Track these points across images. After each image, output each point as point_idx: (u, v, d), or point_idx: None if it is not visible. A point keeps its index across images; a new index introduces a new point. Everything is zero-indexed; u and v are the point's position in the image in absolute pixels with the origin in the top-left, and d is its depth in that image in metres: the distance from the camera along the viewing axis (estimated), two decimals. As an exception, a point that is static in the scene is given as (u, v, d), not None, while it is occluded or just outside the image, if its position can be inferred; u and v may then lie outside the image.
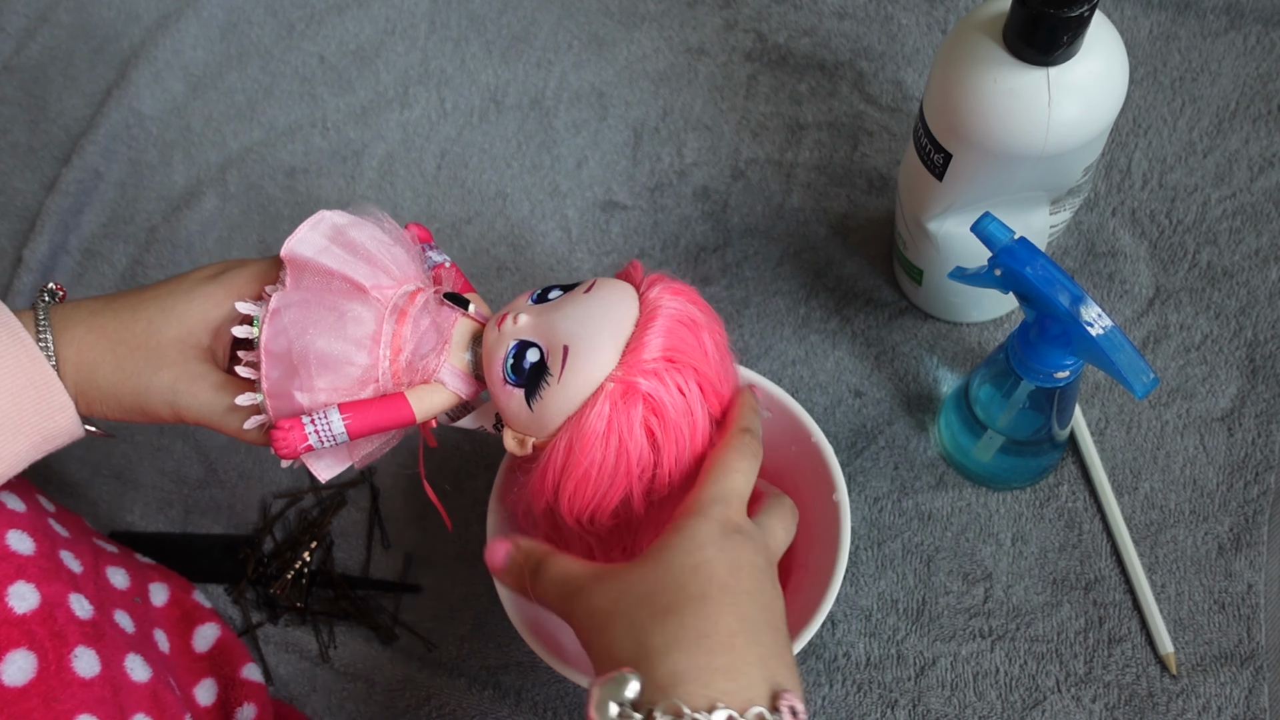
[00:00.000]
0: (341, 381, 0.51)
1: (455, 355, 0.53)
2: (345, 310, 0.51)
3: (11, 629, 0.52)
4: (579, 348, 0.50)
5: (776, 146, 0.83)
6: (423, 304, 0.53)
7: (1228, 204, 0.77)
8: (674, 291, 0.52)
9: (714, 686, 0.43)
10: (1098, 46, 0.55)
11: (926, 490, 0.72)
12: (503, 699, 0.70)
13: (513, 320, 0.52)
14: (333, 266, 0.52)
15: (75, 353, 0.52)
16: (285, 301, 0.51)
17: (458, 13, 0.90)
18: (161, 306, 0.53)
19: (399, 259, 0.53)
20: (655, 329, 0.50)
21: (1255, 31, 0.82)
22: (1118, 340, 0.52)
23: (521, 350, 0.51)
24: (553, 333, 0.51)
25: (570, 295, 0.53)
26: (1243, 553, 0.69)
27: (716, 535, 0.48)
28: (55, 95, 0.91)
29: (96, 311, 0.54)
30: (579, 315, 0.51)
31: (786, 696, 0.43)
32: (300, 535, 0.74)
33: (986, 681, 0.68)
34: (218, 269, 0.55)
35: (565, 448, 0.51)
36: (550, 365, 0.51)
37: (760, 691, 0.43)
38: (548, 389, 0.50)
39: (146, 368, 0.52)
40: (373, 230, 0.54)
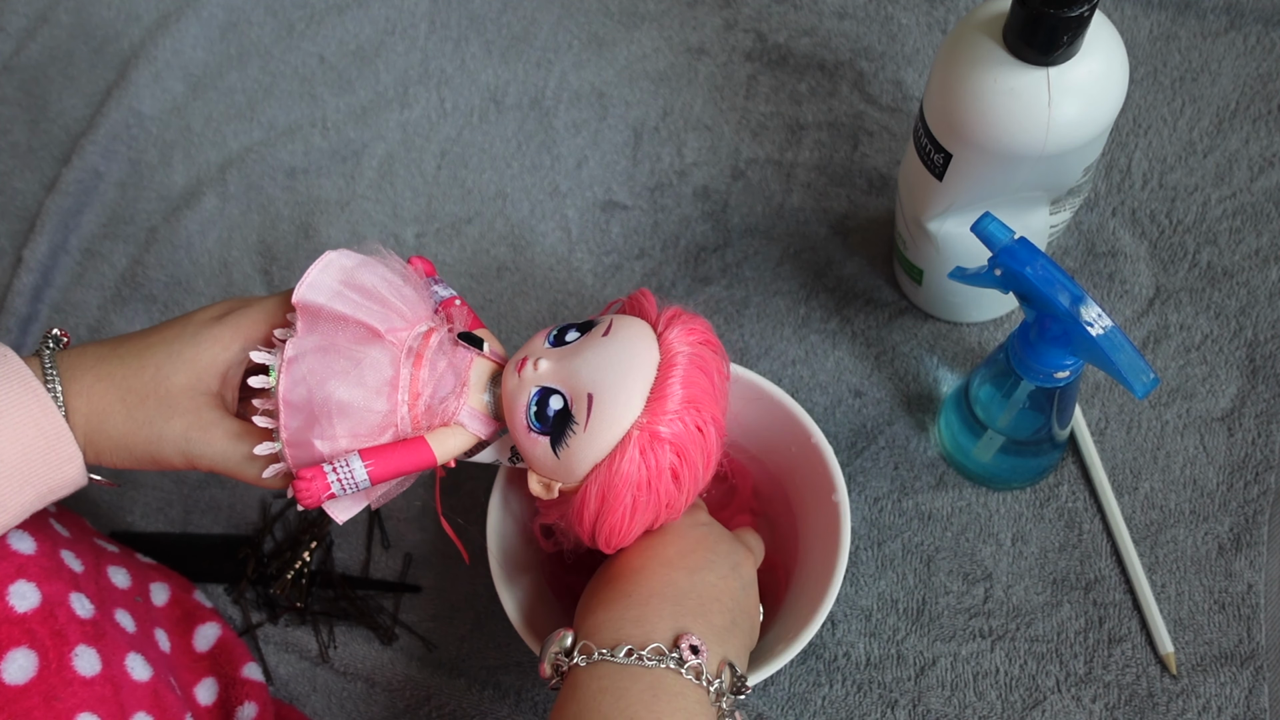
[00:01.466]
0: (361, 429, 0.51)
1: (474, 397, 0.53)
2: (362, 358, 0.51)
3: (12, 628, 0.52)
4: (604, 397, 0.51)
5: (776, 146, 0.83)
6: (437, 345, 0.53)
7: (1228, 204, 0.77)
8: (689, 331, 0.53)
9: (622, 631, 0.50)
10: (1098, 46, 0.55)
11: (926, 490, 0.72)
12: (503, 699, 0.70)
13: (533, 366, 0.52)
14: (346, 312, 0.51)
15: (85, 403, 0.52)
16: (301, 349, 0.51)
17: (458, 13, 0.90)
18: (169, 351, 0.53)
19: (409, 299, 0.53)
20: (676, 377, 0.52)
21: (1255, 31, 0.82)
22: (1118, 340, 0.52)
23: (544, 397, 0.52)
24: (575, 380, 0.51)
25: (589, 339, 0.53)
26: (1243, 553, 0.69)
27: (683, 527, 0.56)
28: (55, 95, 0.91)
29: (103, 358, 0.53)
30: (600, 363, 0.51)
31: (686, 637, 0.49)
32: (300, 535, 0.74)
33: (986, 681, 0.68)
34: (222, 309, 0.55)
35: (599, 494, 0.52)
36: (575, 413, 0.51)
37: (663, 633, 0.50)
38: (574, 437, 0.51)
39: (158, 416, 0.52)
40: (381, 270, 0.53)
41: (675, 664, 0.48)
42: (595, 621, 0.51)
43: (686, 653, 0.49)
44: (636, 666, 0.48)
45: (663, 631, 0.50)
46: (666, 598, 0.52)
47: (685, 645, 0.49)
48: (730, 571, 0.55)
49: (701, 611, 0.52)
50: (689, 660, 0.49)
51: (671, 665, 0.48)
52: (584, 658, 0.50)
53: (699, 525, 0.57)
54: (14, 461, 0.50)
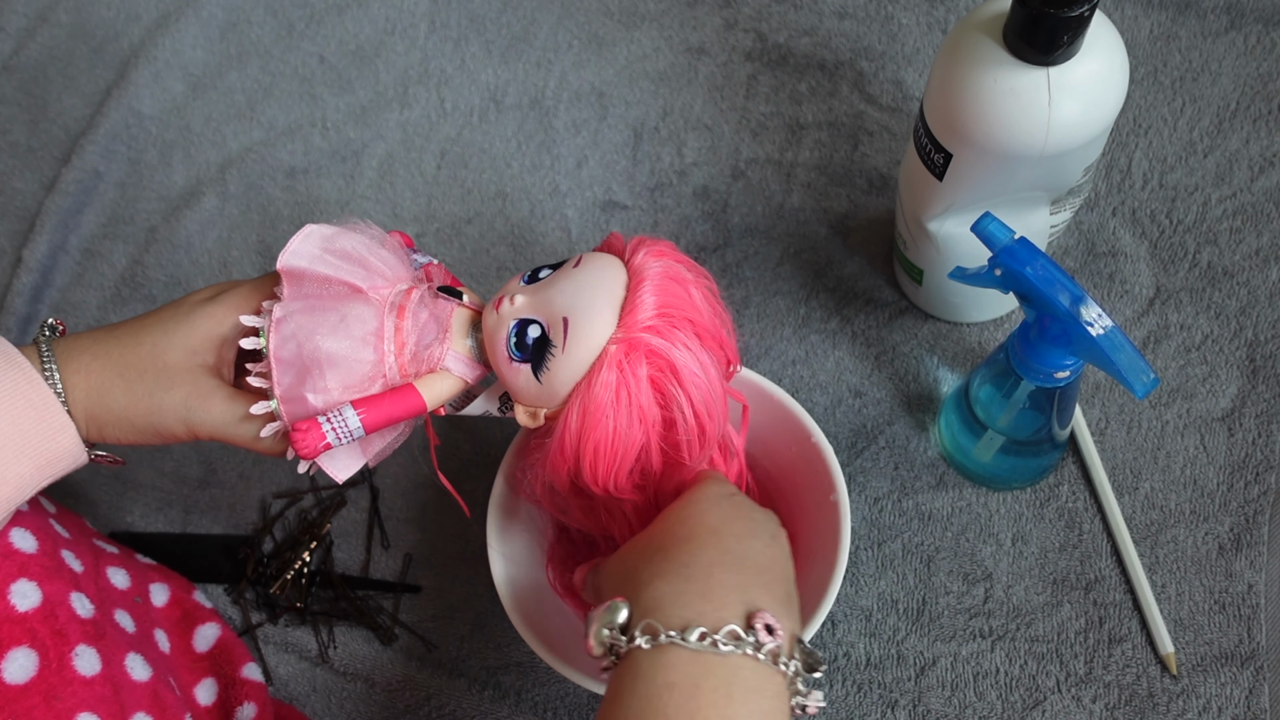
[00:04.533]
0: (351, 379, 0.53)
1: (457, 342, 0.55)
2: (347, 311, 0.53)
3: (13, 627, 0.53)
4: (578, 318, 0.52)
5: (776, 146, 0.83)
6: (418, 299, 0.55)
7: (1228, 204, 0.77)
8: (657, 254, 0.54)
9: (690, 608, 0.45)
10: (1098, 46, 0.55)
11: (926, 490, 0.72)
12: (503, 699, 0.70)
13: (509, 301, 0.54)
14: (328, 273, 0.54)
15: (84, 380, 0.53)
16: (288, 310, 0.53)
17: (458, 13, 0.90)
18: (164, 329, 0.55)
19: (389, 261, 0.56)
20: (646, 289, 0.52)
21: (1255, 31, 0.82)
22: (1118, 340, 0.52)
23: (523, 328, 0.53)
24: (550, 308, 0.53)
25: (560, 272, 0.55)
26: (1243, 553, 0.69)
27: (713, 495, 0.52)
28: (55, 95, 0.91)
29: (99, 339, 0.55)
30: (573, 288, 0.53)
31: (762, 615, 0.45)
32: (300, 535, 0.74)
33: (987, 682, 0.68)
34: (214, 290, 0.57)
35: (580, 414, 0.52)
36: (553, 338, 0.52)
37: (734, 612, 0.45)
38: (553, 359, 0.52)
39: (157, 388, 0.54)
40: (359, 237, 0.56)
41: (752, 648, 0.44)
42: (655, 594, 0.46)
43: (763, 633, 0.44)
44: (709, 654, 0.43)
45: (734, 608, 0.45)
46: (728, 567, 0.47)
47: (760, 625, 0.44)
48: (771, 540, 0.51)
49: (763, 582, 0.47)
50: (766, 643, 0.44)
51: (748, 651, 0.43)
52: (647, 638, 0.44)
53: (727, 495, 0.53)
54: (5, 430, 0.51)
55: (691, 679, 0.43)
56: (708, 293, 0.55)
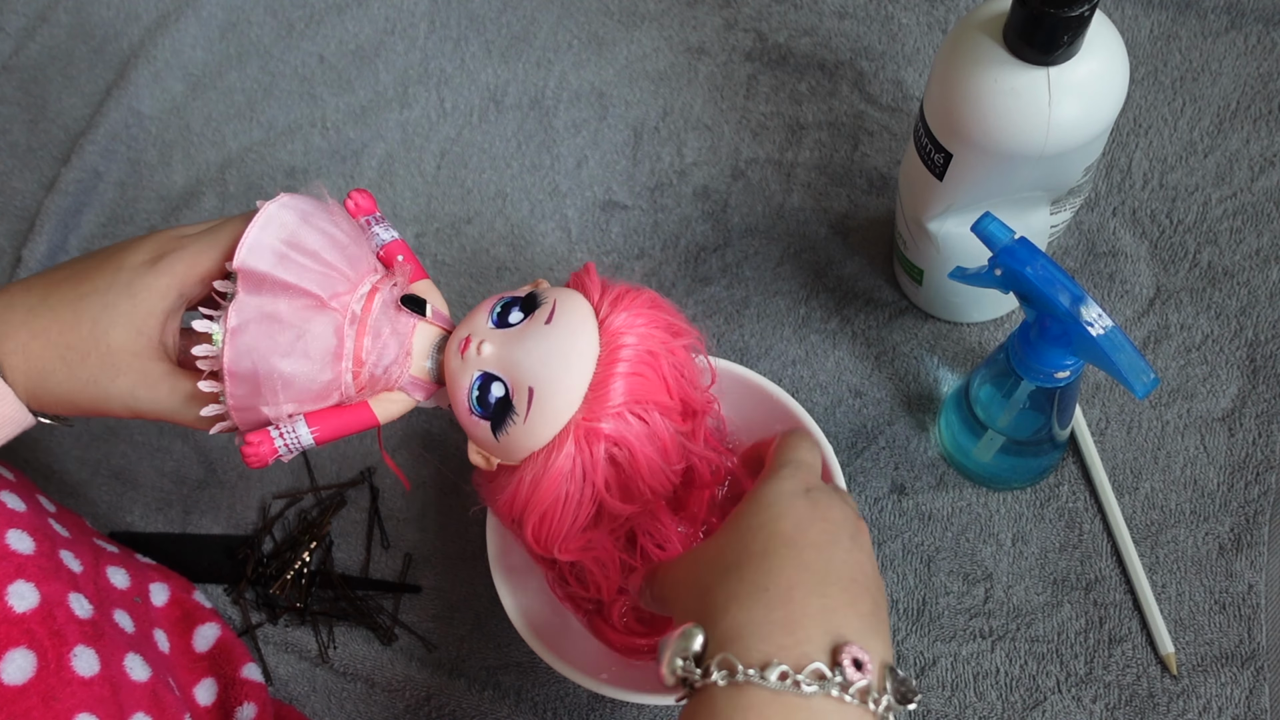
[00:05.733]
0: (306, 396, 0.51)
1: (416, 364, 0.54)
2: (306, 327, 0.51)
3: (11, 628, 0.52)
4: (544, 391, 0.51)
5: (776, 146, 0.83)
6: (380, 309, 0.53)
7: (1228, 204, 0.77)
8: (634, 316, 0.53)
9: (771, 641, 0.41)
10: (1098, 46, 0.55)
11: (926, 490, 0.72)
12: (503, 699, 0.70)
13: (476, 350, 0.52)
14: (289, 280, 0.51)
15: (23, 361, 0.51)
16: (244, 316, 0.50)
17: (457, 13, 0.90)
18: (104, 304, 0.51)
19: (352, 256, 0.53)
20: (617, 377, 0.52)
21: (1256, 31, 0.82)
22: (1118, 340, 0.52)
23: (486, 383, 0.52)
24: (517, 370, 0.52)
25: (532, 324, 0.53)
26: (1243, 553, 0.69)
27: (786, 495, 0.48)
28: (54, 95, 0.91)
29: (34, 310, 0.52)
30: (541, 353, 0.52)
31: (849, 648, 0.41)
32: (300, 535, 0.74)
33: (987, 682, 0.68)
34: (154, 251, 0.53)
35: (531, 484, 0.53)
36: (516, 404, 0.52)
37: (819, 645, 0.41)
38: (514, 425, 0.52)
39: (102, 375, 0.52)
40: (323, 223, 0.53)
41: (839, 689, 0.40)
42: (732, 623, 0.42)
43: (850, 669, 0.40)
44: (791, 695, 0.39)
45: (818, 640, 0.41)
46: (810, 589, 0.43)
47: (848, 660, 0.40)
48: (852, 543, 0.46)
49: (850, 601, 0.43)
50: (854, 681, 0.40)
51: (834, 692, 0.40)
52: (724, 674, 0.40)
53: (801, 493, 0.49)
54: None
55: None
56: (684, 358, 0.54)
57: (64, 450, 0.79)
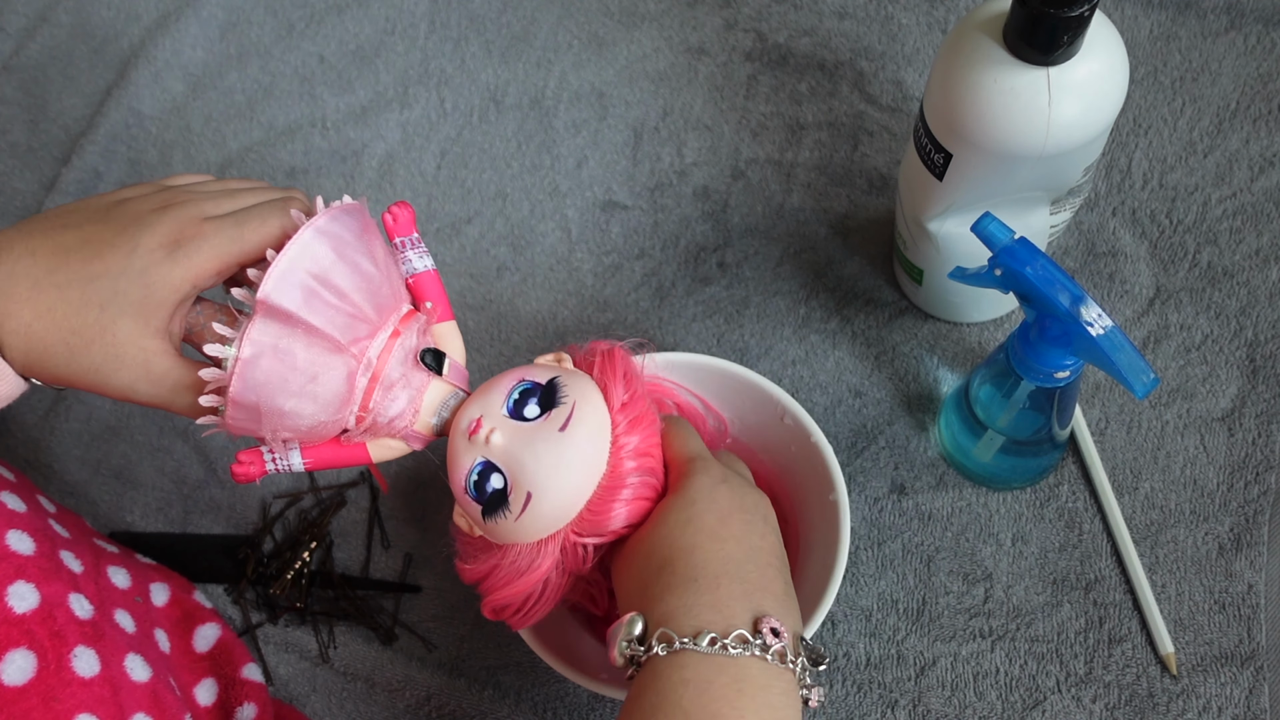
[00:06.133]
0: (306, 433, 0.51)
1: (421, 421, 0.54)
2: (319, 373, 0.49)
3: (11, 629, 0.52)
4: (541, 499, 0.51)
5: (776, 146, 0.83)
6: (397, 360, 0.52)
7: (1228, 204, 0.77)
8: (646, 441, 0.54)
9: (701, 617, 0.48)
10: (1098, 46, 0.55)
11: (926, 490, 0.72)
12: (503, 699, 0.70)
13: (484, 438, 0.52)
14: (313, 322, 0.49)
15: (23, 341, 0.49)
16: (258, 350, 0.48)
17: (458, 13, 0.90)
18: (114, 290, 0.49)
19: (380, 298, 0.51)
20: (618, 504, 0.53)
21: (1256, 31, 0.82)
22: (1118, 340, 0.52)
23: (487, 471, 0.52)
24: (520, 471, 0.51)
25: (545, 426, 0.52)
26: (1243, 553, 0.69)
27: (706, 488, 0.53)
28: (55, 95, 0.91)
29: (39, 284, 0.49)
30: (549, 463, 0.51)
31: (767, 620, 0.48)
32: (300, 535, 0.74)
33: (987, 682, 0.68)
34: (172, 234, 0.50)
35: (510, 576, 0.54)
36: (511, 501, 0.52)
37: (743, 618, 0.48)
38: (503, 520, 0.52)
39: (104, 366, 0.50)
40: (356, 257, 0.50)
41: (760, 650, 0.47)
42: (668, 608, 0.49)
43: (769, 637, 0.47)
44: (720, 656, 0.46)
45: (741, 615, 0.48)
46: (733, 577, 0.49)
47: (766, 629, 0.47)
48: (764, 526, 0.53)
49: (765, 584, 0.50)
50: (772, 644, 0.47)
51: (756, 653, 0.47)
52: (664, 646, 0.47)
53: (720, 483, 0.53)
54: None
55: (705, 676, 0.46)
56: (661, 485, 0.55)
57: (64, 450, 0.79)
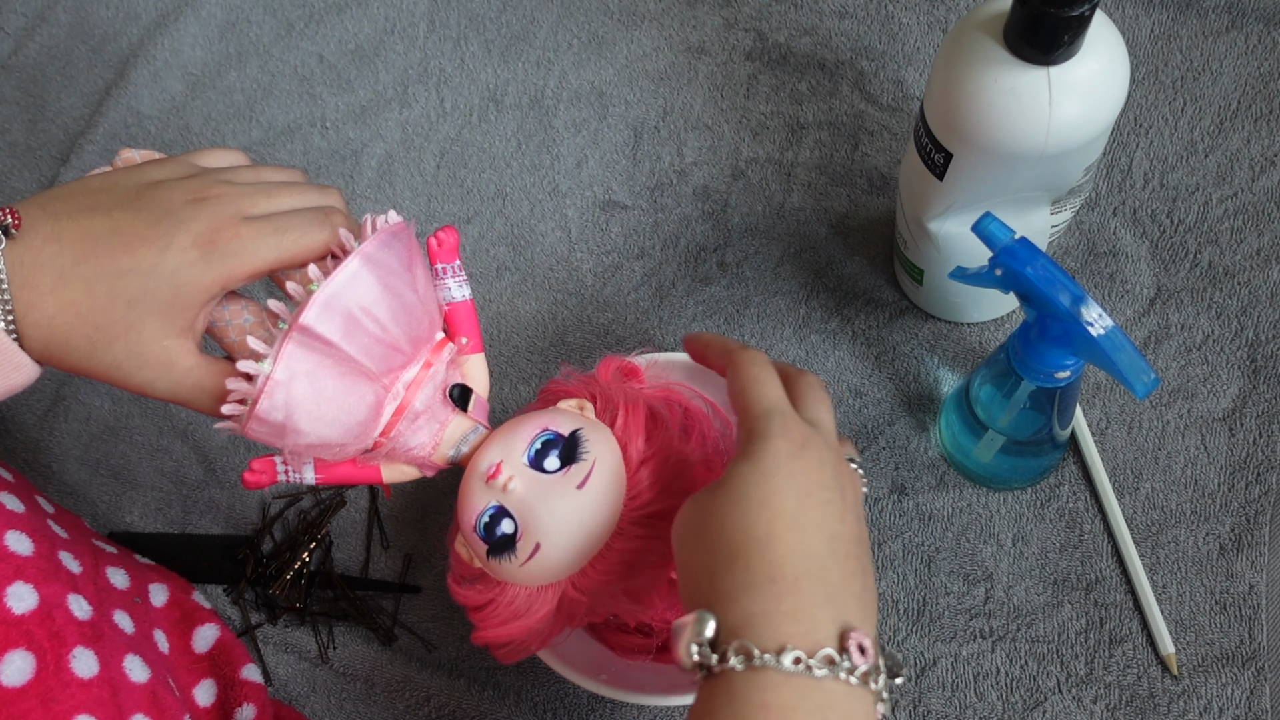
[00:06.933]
0: (324, 453, 0.52)
1: (439, 453, 0.55)
2: (346, 400, 0.49)
3: (10, 629, 0.52)
4: (550, 550, 0.52)
5: (777, 146, 0.83)
6: (425, 394, 0.52)
7: (1229, 204, 0.77)
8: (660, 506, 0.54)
9: (782, 630, 0.43)
10: (1098, 46, 0.55)
11: (927, 490, 0.72)
12: (503, 699, 0.70)
13: (502, 485, 0.52)
14: (350, 352, 0.48)
15: (45, 333, 0.48)
16: (291, 373, 0.48)
17: (457, 12, 0.90)
18: (144, 289, 0.48)
19: (417, 329, 0.51)
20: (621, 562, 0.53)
21: (1256, 31, 0.82)
22: (1118, 340, 0.52)
23: (499, 515, 0.53)
24: (533, 522, 0.52)
25: (564, 482, 0.52)
26: (1244, 553, 0.69)
27: (785, 457, 0.47)
28: (54, 95, 0.91)
29: (64, 276, 0.47)
30: (561, 518, 0.52)
31: (854, 635, 0.44)
32: (299, 536, 0.74)
33: (987, 682, 0.67)
34: (207, 232, 0.48)
35: (505, 617, 0.54)
36: (519, 547, 0.52)
37: (828, 632, 0.44)
38: (507, 562, 0.53)
39: (126, 363, 0.49)
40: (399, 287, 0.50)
41: (846, 673, 0.43)
42: (745, 613, 0.44)
43: (856, 655, 0.43)
44: (804, 679, 0.42)
45: (826, 628, 0.44)
46: (814, 577, 0.45)
47: (854, 646, 0.44)
48: (843, 506, 0.48)
49: (846, 584, 0.46)
50: (859, 665, 0.43)
51: (842, 675, 0.43)
52: (741, 659, 0.43)
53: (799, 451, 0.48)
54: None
55: (788, 702, 0.42)
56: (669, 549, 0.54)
57: (63, 450, 0.79)
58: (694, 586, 0.47)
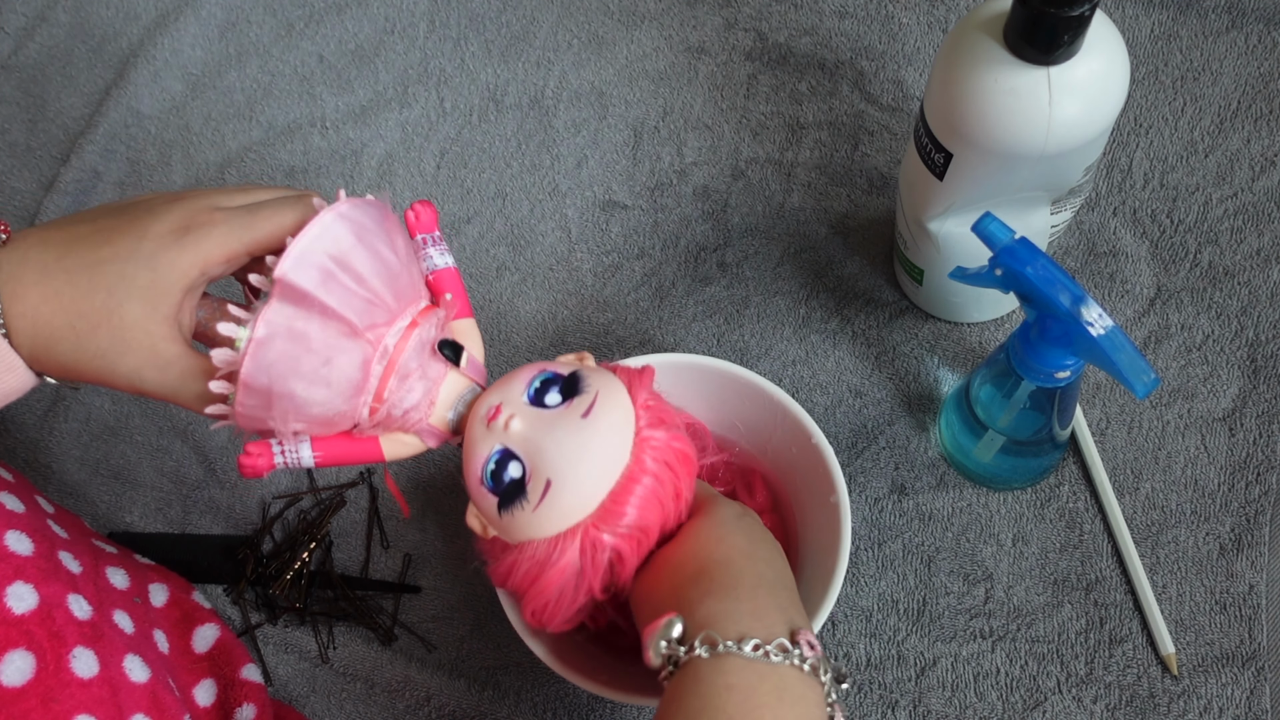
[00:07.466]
0: (318, 422, 0.50)
1: (437, 414, 0.53)
2: (333, 356, 0.49)
3: (10, 629, 0.52)
4: (561, 487, 0.50)
5: (777, 146, 0.83)
6: (414, 349, 0.51)
7: (1229, 204, 0.77)
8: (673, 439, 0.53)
9: (742, 624, 0.48)
10: (1098, 46, 0.55)
11: (927, 490, 0.72)
12: (503, 699, 0.70)
13: (504, 424, 0.51)
14: (329, 303, 0.48)
15: (30, 325, 0.49)
16: (272, 330, 0.48)
17: (457, 12, 0.90)
18: (122, 274, 0.49)
19: (399, 286, 0.51)
20: (636, 498, 0.51)
21: (1256, 31, 0.82)
22: (1118, 340, 0.52)
23: (505, 459, 0.51)
24: (540, 457, 0.50)
25: (568, 414, 0.51)
26: (1244, 553, 0.69)
27: (732, 517, 0.55)
28: (54, 95, 0.91)
29: (48, 270, 0.49)
30: (570, 450, 0.50)
31: (804, 634, 0.48)
32: (299, 536, 0.74)
33: (987, 682, 0.67)
34: (182, 220, 0.50)
35: (533, 574, 0.52)
36: (529, 490, 0.50)
37: (781, 629, 0.48)
38: (521, 511, 0.51)
39: (110, 350, 0.49)
40: (376, 244, 0.50)
41: (798, 660, 0.47)
42: (709, 612, 0.49)
43: (806, 649, 0.48)
44: (762, 663, 0.47)
45: (780, 626, 0.48)
46: (769, 590, 0.50)
47: (804, 640, 0.48)
48: (782, 562, 0.54)
49: (795, 605, 0.51)
50: (809, 657, 0.48)
51: (794, 662, 0.47)
52: (707, 648, 0.47)
53: (740, 515, 0.55)
54: None
55: (748, 683, 0.46)
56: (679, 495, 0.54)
57: (63, 450, 0.79)
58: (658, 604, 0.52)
